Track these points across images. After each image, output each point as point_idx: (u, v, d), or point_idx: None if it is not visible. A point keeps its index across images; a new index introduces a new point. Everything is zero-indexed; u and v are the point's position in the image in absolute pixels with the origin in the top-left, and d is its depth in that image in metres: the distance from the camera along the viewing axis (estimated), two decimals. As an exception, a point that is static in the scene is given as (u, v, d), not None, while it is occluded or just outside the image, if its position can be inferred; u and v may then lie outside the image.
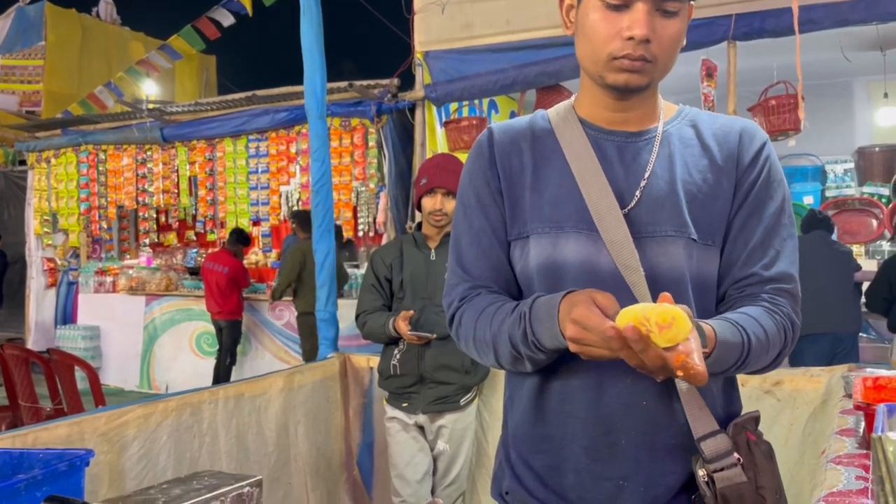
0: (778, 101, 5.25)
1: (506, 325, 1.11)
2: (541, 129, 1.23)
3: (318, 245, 3.14)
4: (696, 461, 1.08)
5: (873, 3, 4.73)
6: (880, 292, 4.86)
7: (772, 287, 1.14)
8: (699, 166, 1.16)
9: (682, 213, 1.13)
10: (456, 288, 1.23)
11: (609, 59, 1.10)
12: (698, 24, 5.32)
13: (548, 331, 1.05)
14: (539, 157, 1.20)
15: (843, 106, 7.19)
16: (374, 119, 6.50)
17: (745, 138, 1.17)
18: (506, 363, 1.15)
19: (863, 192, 6.81)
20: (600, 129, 1.18)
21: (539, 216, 1.16)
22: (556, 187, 1.16)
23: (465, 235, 1.23)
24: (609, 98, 1.16)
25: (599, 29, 1.09)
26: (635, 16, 1.06)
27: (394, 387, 2.76)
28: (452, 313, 1.23)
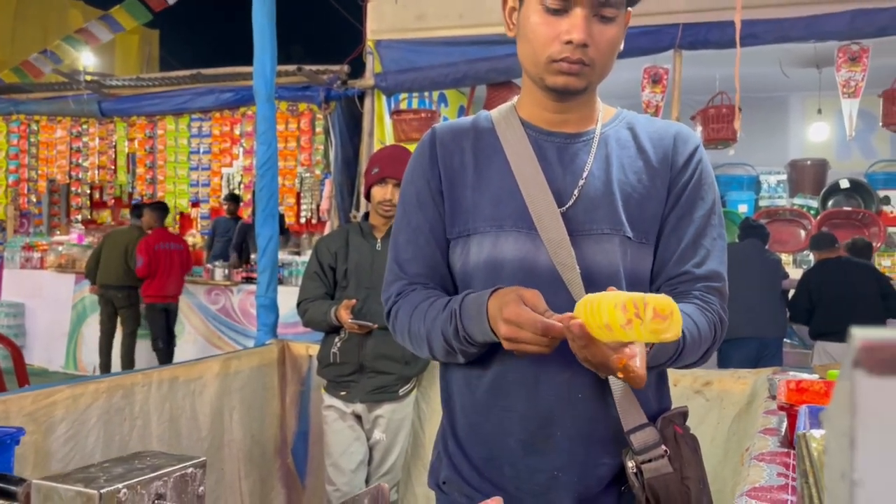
0: (717, 110, 5.41)
1: (438, 320, 1.15)
2: (483, 129, 1.25)
3: (260, 230, 3.10)
4: (625, 453, 1.12)
5: (812, 23, 4.92)
6: (801, 303, 5.07)
7: (703, 285, 1.18)
8: (635, 167, 1.20)
9: (618, 211, 1.16)
10: (393, 284, 1.26)
11: (548, 61, 1.12)
12: (647, 32, 5.45)
13: (477, 327, 1.09)
14: (481, 156, 1.22)
15: (779, 119, 7.47)
16: (322, 105, 6.44)
17: (678, 142, 1.21)
18: (440, 356, 1.20)
19: (793, 204, 7.09)
20: (540, 130, 1.21)
21: (480, 215, 1.19)
22: (498, 187, 1.19)
23: (403, 233, 1.26)
24: (549, 100, 1.19)
25: (539, 32, 1.12)
26: (574, 21, 1.09)
27: (333, 375, 2.74)
28: (389, 308, 1.27)
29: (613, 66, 1.18)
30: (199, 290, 7.09)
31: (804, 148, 7.44)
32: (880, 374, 0.23)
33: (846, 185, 6.92)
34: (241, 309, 6.93)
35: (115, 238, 6.87)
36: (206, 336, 7.06)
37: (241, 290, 6.99)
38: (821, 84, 6.24)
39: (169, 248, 6.59)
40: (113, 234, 7.02)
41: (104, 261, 6.73)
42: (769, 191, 7.36)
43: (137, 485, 0.60)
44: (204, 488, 0.67)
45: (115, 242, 6.80)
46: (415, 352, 1.25)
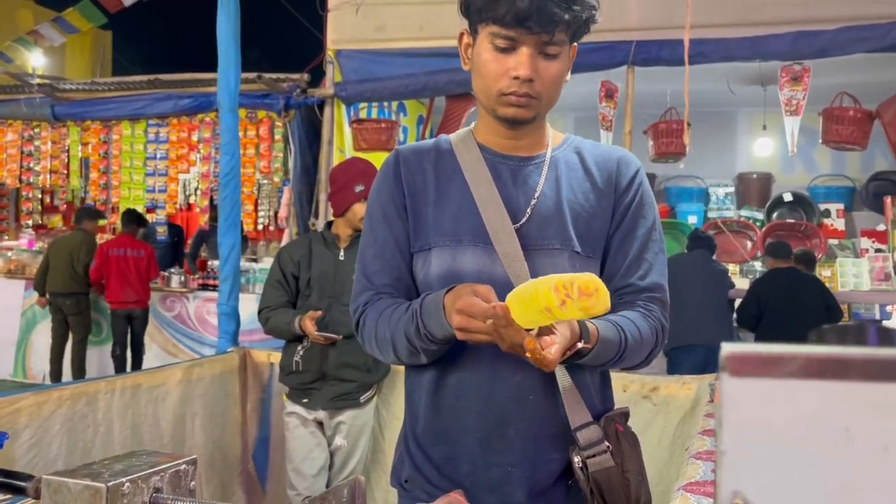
0: (667, 125, 5.61)
1: (402, 322, 1.25)
2: (443, 151, 1.36)
3: (223, 238, 3.13)
4: (572, 449, 1.23)
5: (757, 43, 5.14)
6: (750, 310, 5.28)
7: (646, 295, 1.30)
8: (582, 188, 1.32)
9: (567, 228, 1.28)
10: (361, 295, 1.35)
11: (499, 94, 1.24)
12: (601, 48, 5.61)
13: (436, 322, 1.18)
14: (441, 175, 1.33)
15: (727, 134, 7.73)
16: (281, 113, 6.46)
17: (622, 165, 1.34)
18: (404, 357, 1.28)
19: (740, 215, 7.35)
20: (496, 154, 1.32)
21: (441, 230, 1.29)
22: (457, 204, 1.30)
23: (371, 247, 1.35)
24: (501, 127, 1.30)
25: (490, 68, 1.23)
26: (520, 58, 1.20)
27: (295, 383, 2.79)
28: (357, 317, 1.35)
29: (561, 91, 1.30)
30: (154, 297, 7.02)
31: (751, 162, 7.71)
32: (738, 376, 0.33)
33: (789, 199, 7.21)
34: (197, 316, 6.89)
35: (61, 244, 6.78)
36: (162, 344, 7.00)
37: (197, 297, 6.95)
38: (766, 101, 6.50)
39: (124, 254, 6.51)
40: (58, 241, 6.92)
41: (52, 268, 6.64)
42: (717, 203, 7.61)
43: (138, 479, 0.66)
44: (195, 483, 0.73)
45: (60, 249, 6.71)
46: (382, 358, 1.34)
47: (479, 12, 1.21)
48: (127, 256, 6.52)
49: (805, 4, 5.16)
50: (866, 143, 5.44)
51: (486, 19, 1.21)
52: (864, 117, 5.27)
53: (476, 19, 1.23)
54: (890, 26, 4.91)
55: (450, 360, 1.27)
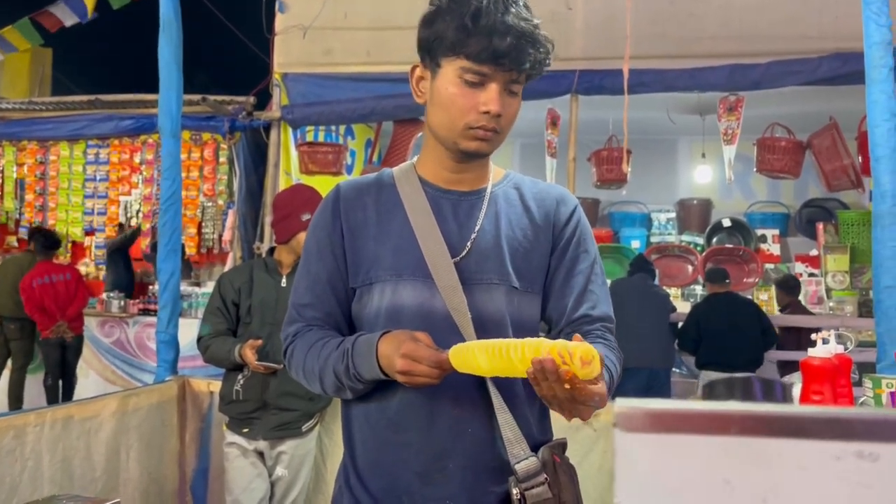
0: (609, 153, 5.74)
1: (331, 359, 1.27)
2: (385, 185, 1.37)
3: (162, 265, 3.07)
4: (511, 481, 1.23)
5: (695, 74, 5.32)
6: (690, 333, 5.40)
7: (600, 325, 1.35)
8: (521, 224, 1.35)
9: (506, 263, 1.31)
10: (291, 325, 1.37)
11: (465, 128, 1.26)
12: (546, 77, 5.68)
13: (366, 364, 1.22)
14: (383, 211, 1.34)
15: (668, 161, 7.95)
16: (226, 135, 6.39)
17: (560, 204, 1.38)
18: (330, 391, 1.32)
19: (682, 240, 7.54)
20: (437, 188, 1.34)
21: (382, 265, 1.31)
22: (398, 238, 1.31)
23: (304, 280, 1.37)
24: (452, 161, 1.33)
25: (458, 102, 1.25)
26: (490, 94, 1.23)
27: (235, 412, 2.74)
28: (286, 346, 1.37)
29: None
30: (91, 323, 6.81)
31: (691, 188, 7.94)
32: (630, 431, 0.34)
33: (728, 224, 7.44)
34: (137, 342, 6.71)
35: (8, 266, 6.53)
36: (100, 371, 6.78)
37: (137, 322, 6.77)
38: (704, 130, 6.72)
39: (50, 280, 6.25)
40: (6, 263, 6.67)
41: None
42: (660, 228, 7.79)
43: (53, 527, 0.64)
44: (115, 529, 0.71)
45: (7, 271, 6.46)
46: (308, 387, 1.37)
47: (451, 47, 1.23)
48: (55, 283, 6.27)
49: (740, 39, 5.36)
50: (799, 171, 5.65)
51: (457, 54, 1.23)
52: (796, 147, 5.48)
53: (442, 53, 1.25)
54: (820, 60, 5.13)
55: (389, 393, 1.27)
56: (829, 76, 5.07)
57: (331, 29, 6.03)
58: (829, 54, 5.07)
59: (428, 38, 1.27)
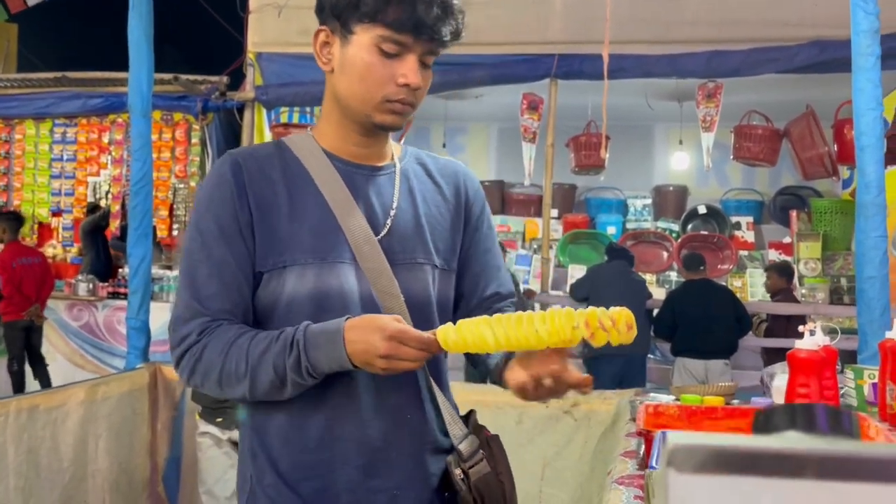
0: (587, 138, 5.71)
1: (270, 354, 1.13)
2: (289, 158, 1.24)
3: (133, 249, 2.98)
4: (452, 462, 1.22)
5: (674, 61, 5.30)
6: (665, 320, 5.42)
7: (510, 301, 1.36)
8: (435, 200, 1.30)
9: (428, 242, 1.26)
10: (191, 322, 1.18)
11: (383, 100, 1.18)
12: (525, 60, 5.68)
13: (327, 355, 1.10)
14: (293, 187, 1.22)
15: (645, 147, 7.95)
16: (199, 116, 6.25)
17: (467, 179, 1.36)
18: (259, 393, 1.15)
19: (657, 227, 7.56)
20: (347, 163, 1.25)
21: (299, 246, 1.19)
22: (315, 218, 1.20)
23: (203, 266, 1.19)
24: (359, 135, 1.24)
25: (375, 73, 1.16)
26: (409, 65, 1.16)
27: (209, 401, 2.67)
28: (188, 347, 1.17)
29: None
30: (59, 306, 6.65)
31: (667, 175, 7.95)
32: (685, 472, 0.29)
33: (703, 211, 7.47)
34: (106, 326, 6.57)
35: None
36: (68, 355, 6.64)
37: (106, 305, 6.63)
38: (682, 116, 6.71)
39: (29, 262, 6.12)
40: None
41: None
42: (635, 214, 7.80)
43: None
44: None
45: None
46: (218, 393, 1.20)
47: (370, 14, 1.14)
48: (31, 265, 6.12)
49: (719, 25, 5.35)
50: (775, 159, 5.69)
51: (375, 21, 1.14)
52: (773, 135, 5.50)
53: (357, 19, 1.15)
54: (798, 48, 5.14)
55: (321, 389, 1.17)
56: (807, 64, 5.09)
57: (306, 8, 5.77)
58: (807, 42, 5.08)
59: (338, 2, 1.17)
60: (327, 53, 1.21)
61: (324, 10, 1.19)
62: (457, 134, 8.10)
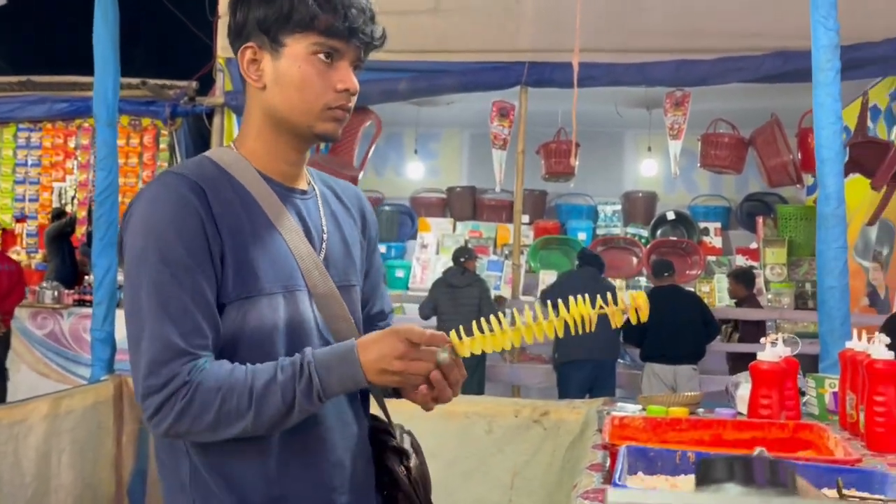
0: (557, 145, 5.76)
1: (276, 383, 1.09)
2: (234, 182, 1.18)
3: (98, 259, 2.93)
4: (395, 462, 1.29)
5: (642, 69, 5.37)
6: (635, 327, 5.44)
7: (390, 319, 1.42)
8: (348, 223, 1.32)
9: (355, 263, 1.31)
10: (172, 363, 1.08)
11: (324, 108, 1.16)
12: (496, 67, 5.70)
13: (340, 375, 1.10)
14: (249, 213, 1.17)
15: (615, 154, 8.03)
16: (167, 121, 6.18)
17: (365, 202, 1.39)
18: (264, 424, 1.10)
19: (627, 232, 7.64)
20: (283, 186, 1.22)
21: (266, 276, 1.16)
22: (272, 245, 1.18)
23: (177, 300, 1.08)
24: (294, 151, 1.22)
25: (314, 82, 1.15)
26: (344, 71, 1.17)
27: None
28: (173, 391, 1.07)
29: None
30: (23, 314, 6.52)
31: (637, 181, 8.03)
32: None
33: (672, 217, 7.56)
34: (72, 334, 6.46)
35: None
36: (32, 364, 6.50)
37: (72, 313, 6.51)
38: (651, 123, 6.79)
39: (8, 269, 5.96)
40: None
41: None
42: (605, 220, 7.87)
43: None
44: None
45: None
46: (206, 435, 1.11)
47: (301, 23, 1.13)
48: (11, 271, 5.97)
49: (687, 35, 5.42)
50: (741, 167, 5.78)
51: (307, 29, 1.13)
52: (739, 143, 5.60)
53: (288, 30, 1.14)
54: (763, 58, 5.24)
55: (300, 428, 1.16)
56: (772, 74, 5.18)
57: (277, 13, 5.88)
58: (772, 52, 5.17)
59: (266, 16, 1.14)
60: (256, 70, 1.17)
61: (244, 28, 1.17)
62: (429, 140, 8.11)
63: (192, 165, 1.19)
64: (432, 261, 7.37)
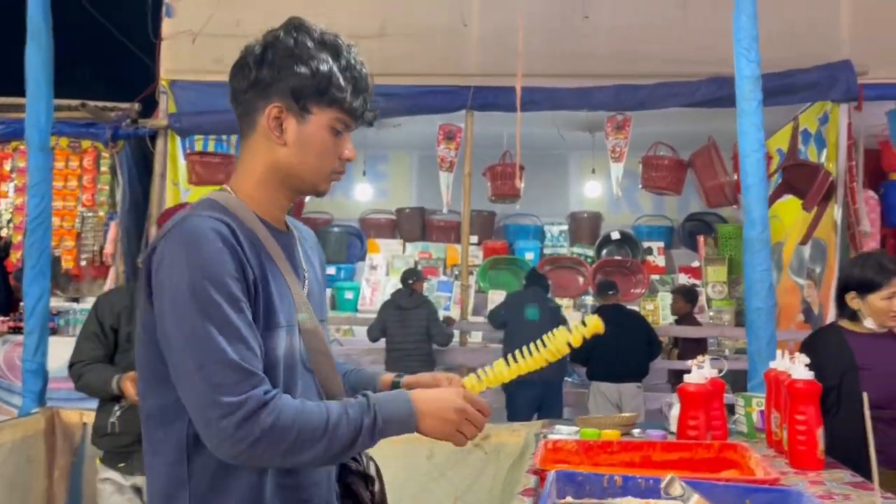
0: (503, 168, 5.83)
1: (347, 416, 1.18)
2: (244, 225, 1.27)
3: (29, 288, 2.85)
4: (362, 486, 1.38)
5: (584, 94, 5.49)
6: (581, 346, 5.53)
7: None
8: (316, 262, 1.43)
9: (325, 301, 1.43)
10: (244, 383, 1.14)
11: (330, 173, 1.32)
12: (442, 91, 5.77)
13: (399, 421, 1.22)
14: (260, 253, 1.26)
15: (560, 175, 8.16)
16: (108, 143, 6.06)
17: (319, 244, 1.50)
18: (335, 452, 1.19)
19: (573, 252, 7.76)
20: (275, 229, 1.33)
21: (279, 310, 1.25)
22: (279, 283, 1.27)
23: (234, 327, 1.15)
24: (288, 200, 1.34)
25: (329, 150, 1.30)
26: (348, 143, 1.32)
27: (111, 446, 2.58)
28: (252, 411, 1.13)
29: None
30: (-46, 343, 6.28)
31: (582, 202, 8.17)
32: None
33: (617, 237, 7.71)
34: (7, 363, 6.22)
35: None
36: (-37, 395, 6.26)
37: (6, 341, 6.29)
38: (594, 146, 6.93)
39: None
40: None
41: None
42: (552, 240, 7.98)
43: None
44: None
45: None
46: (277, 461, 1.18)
47: (331, 100, 1.26)
48: None
49: (626, 60, 5.58)
50: (681, 188, 5.94)
51: (333, 104, 1.26)
52: (678, 165, 5.75)
53: (315, 101, 1.26)
54: (699, 84, 5.42)
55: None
56: (707, 99, 5.36)
57: (222, 36, 5.81)
58: (707, 78, 5.35)
59: (302, 86, 1.25)
60: (279, 128, 1.27)
61: (271, 87, 1.26)
62: (378, 162, 8.12)
63: (209, 208, 1.25)
64: (382, 282, 7.36)
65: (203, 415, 1.13)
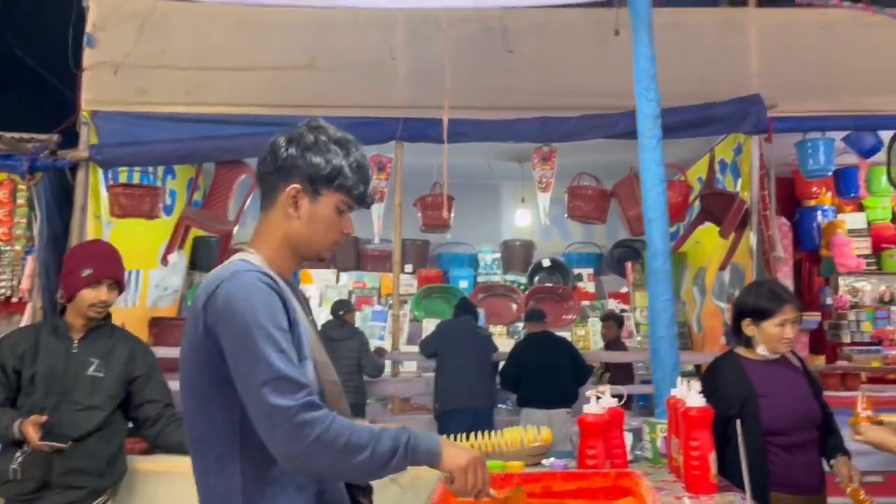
0: (433, 199, 5.90)
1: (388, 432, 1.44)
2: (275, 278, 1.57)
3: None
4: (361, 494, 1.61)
5: (509, 126, 5.60)
6: (510, 372, 5.60)
7: None
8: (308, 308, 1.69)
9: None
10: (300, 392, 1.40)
11: (333, 245, 1.65)
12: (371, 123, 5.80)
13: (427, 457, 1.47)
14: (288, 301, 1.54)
15: (492, 204, 8.28)
16: (25, 175, 5.86)
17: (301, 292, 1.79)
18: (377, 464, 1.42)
19: (506, 280, 7.86)
20: (287, 280, 1.63)
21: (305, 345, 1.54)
22: (301, 325, 1.55)
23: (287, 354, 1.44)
24: (296, 264, 1.65)
25: (334, 225, 1.62)
26: (349, 220, 1.65)
27: (13, 493, 2.48)
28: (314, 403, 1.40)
29: None
30: None
31: (514, 230, 8.30)
32: None
33: (548, 264, 7.85)
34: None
35: None
36: None
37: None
38: (523, 176, 7.06)
39: None
40: None
41: None
42: (486, 268, 8.07)
43: None
44: None
45: None
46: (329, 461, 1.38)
47: (342, 187, 1.58)
48: None
49: (550, 93, 5.72)
50: (605, 217, 6.09)
51: (342, 190, 1.58)
52: (602, 195, 5.91)
53: (326, 186, 1.57)
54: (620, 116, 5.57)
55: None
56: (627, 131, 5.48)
57: (146, 67, 5.74)
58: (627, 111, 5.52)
59: (318, 173, 1.56)
60: (295, 205, 1.58)
61: (292, 170, 1.57)
62: (310, 191, 8.10)
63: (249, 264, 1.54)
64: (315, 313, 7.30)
65: (269, 421, 1.37)
